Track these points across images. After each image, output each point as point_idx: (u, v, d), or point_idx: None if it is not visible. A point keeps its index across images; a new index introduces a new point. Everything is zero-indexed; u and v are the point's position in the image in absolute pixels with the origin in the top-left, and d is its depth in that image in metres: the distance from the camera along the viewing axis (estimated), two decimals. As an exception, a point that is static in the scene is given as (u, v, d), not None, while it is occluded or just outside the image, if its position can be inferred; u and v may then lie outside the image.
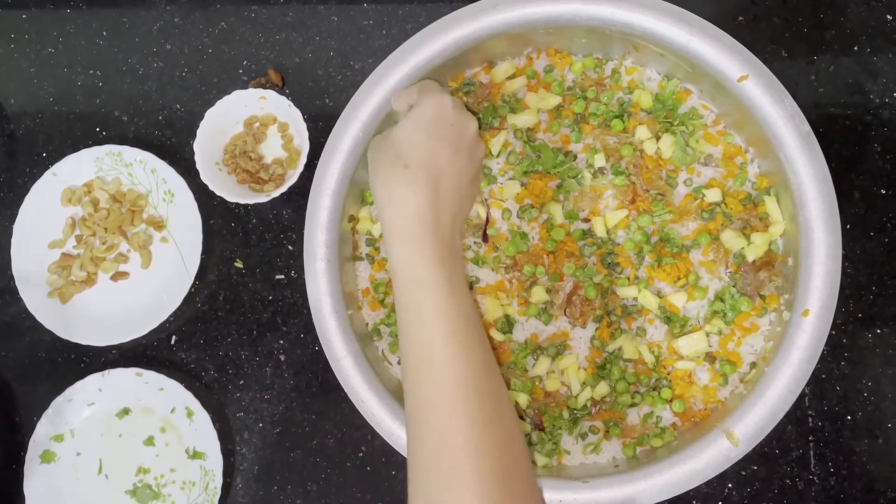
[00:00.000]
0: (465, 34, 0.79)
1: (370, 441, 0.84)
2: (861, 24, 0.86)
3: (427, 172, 0.69)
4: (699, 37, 0.76)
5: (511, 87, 0.82)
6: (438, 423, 0.65)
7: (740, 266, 0.78)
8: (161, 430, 0.85)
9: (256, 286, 0.87)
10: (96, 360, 0.87)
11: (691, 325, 0.78)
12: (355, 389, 0.76)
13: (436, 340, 0.67)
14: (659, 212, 0.78)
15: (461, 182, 0.72)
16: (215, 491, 0.82)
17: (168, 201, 0.87)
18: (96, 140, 0.90)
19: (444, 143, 0.71)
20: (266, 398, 0.85)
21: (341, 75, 0.89)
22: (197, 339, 0.86)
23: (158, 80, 0.90)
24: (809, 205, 0.74)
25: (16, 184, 0.89)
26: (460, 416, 0.64)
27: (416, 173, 0.69)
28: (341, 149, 0.78)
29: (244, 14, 0.90)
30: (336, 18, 0.90)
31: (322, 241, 0.78)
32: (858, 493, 0.81)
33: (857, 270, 0.83)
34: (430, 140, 0.71)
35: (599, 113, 0.80)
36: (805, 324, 0.73)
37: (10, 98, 0.91)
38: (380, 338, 0.81)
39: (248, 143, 0.87)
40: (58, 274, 0.86)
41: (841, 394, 0.82)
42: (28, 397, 0.87)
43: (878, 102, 0.85)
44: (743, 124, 0.78)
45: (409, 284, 0.68)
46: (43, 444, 0.83)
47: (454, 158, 0.71)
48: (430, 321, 0.67)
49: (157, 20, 0.91)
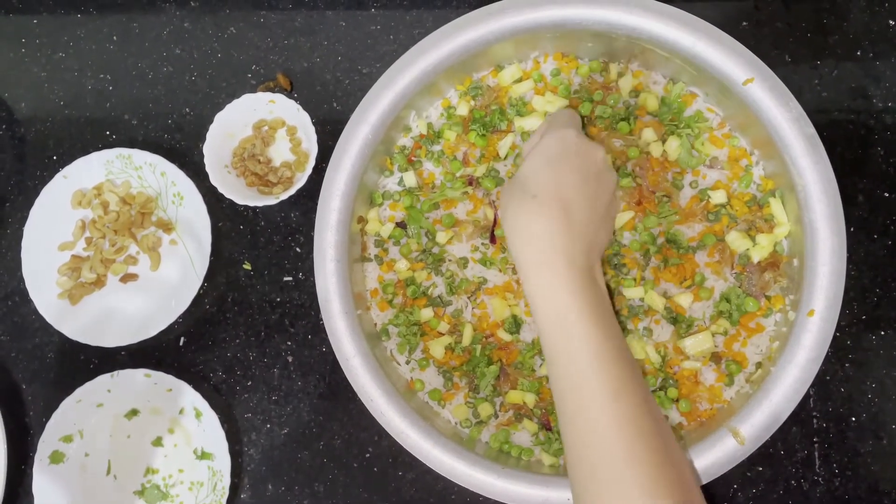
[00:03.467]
0: (472, 38, 0.80)
1: (377, 442, 0.84)
2: (864, 29, 0.87)
3: (556, 201, 0.68)
4: (705, 40, 0.77)
5: (518, 90, 0.83)
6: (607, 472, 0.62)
7: (746, 267, 0.78)
8: (169, 430, 0.85)
9: (264, 288, 0.87)
10: (105, 362, 0.87)
11: (697, 326, 0.79)
12: (365, 389, 0.76)
13: (589, 378, 0.64)
14: (665, 213, 0.79)
15: (593, 210, 0.70)
16: (223, 491, 0.82)
17: (177, 204, 0.88)
18: (106, 143, 0.90)
19: (571, 173, 0.69)
20: (274, 399, 0.86)
21: (349, 80, 0.90)
22: (205, 341, 0.87)
23: (168, 84, 0.91)
24: (814, 206, 0.74)
25: (26, 186, 0.90)
26: (629, 461, 0.62)
27: (545, 202, 0.68)
28: (351, 151, 0.79)
29: (253, 19, 0.91)
30: (344, 23, 0.91)
31: (332, 242, 0.78)
32: (863, 494, 0.82)
33: (861, 273, 0.84)
34: (557, 171, 0.69)
35: (606, 116, 0.81)
36: (810, 324, 0.74)
37: (21, 102, 0.92)
38: (388, 338, 0.82)
39: (256, 146, 0.87)
40: (68, 276, 0.87)
41: (845, 395, 0.83)
42: (37, 398, 0.87)
43: (881, 107, 0.86)
44: (748, 127, 0.79)
45: (549, 316, 0.67)
46: (52, 445, 0.83)
47: (583, 186, 0.70)
48: (580, 356, 0.65)
49: (166, 25, 0.92)
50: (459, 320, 0.81)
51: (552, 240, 0.67)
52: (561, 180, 0.69)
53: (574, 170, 0.70)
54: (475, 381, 0.79)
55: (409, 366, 0.81)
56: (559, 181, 0.69)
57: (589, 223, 0.69)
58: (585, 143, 0.72)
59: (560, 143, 0.71)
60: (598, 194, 0.71)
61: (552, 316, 0.66)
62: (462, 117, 0.83)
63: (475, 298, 0.81)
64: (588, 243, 0.69)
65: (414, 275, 0.82)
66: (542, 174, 0.69)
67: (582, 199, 0.69)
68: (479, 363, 0.79)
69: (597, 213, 0.71)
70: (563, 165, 0.70)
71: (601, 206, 0.71)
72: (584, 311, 0.66)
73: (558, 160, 0.70)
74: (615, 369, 0.65)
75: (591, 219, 0.70)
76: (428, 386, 0.81)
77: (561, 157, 0.70)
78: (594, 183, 0.71)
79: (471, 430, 0.79)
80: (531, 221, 0.68)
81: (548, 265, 0.67)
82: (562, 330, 0.66)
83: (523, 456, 0.78)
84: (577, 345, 0.65)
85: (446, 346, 0.80)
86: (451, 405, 0.80)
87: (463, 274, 0.81)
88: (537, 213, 0.68)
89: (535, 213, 0.68)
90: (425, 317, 0.81)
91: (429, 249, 0.82)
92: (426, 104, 0.84)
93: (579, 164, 0.70)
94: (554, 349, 0.67)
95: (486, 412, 0.79)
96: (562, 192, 0.68)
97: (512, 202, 0.70)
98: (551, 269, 0.67)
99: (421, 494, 0.83)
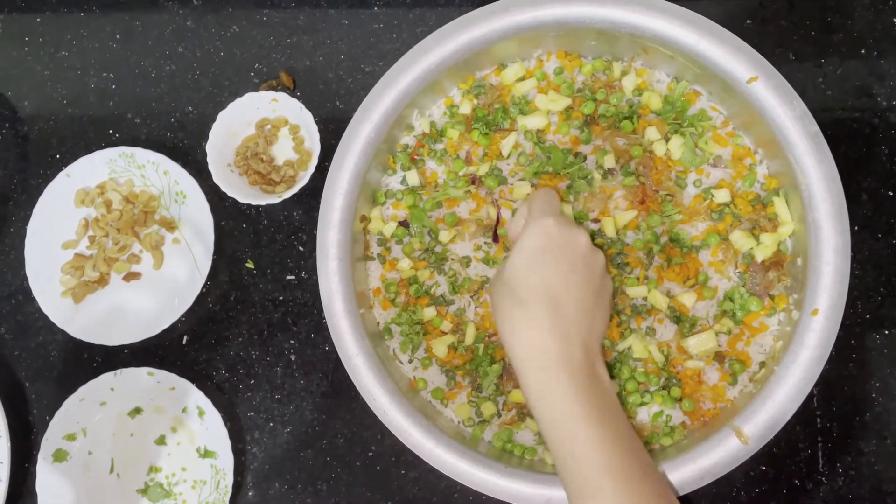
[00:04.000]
0: (475, 37, 0.79)
1: (380, 441, 0.84)
2: (868, 28, 0.87)
3: (544, 304, 0.67)
4: (708, 39, 0.76)
5: (521, 89, 0.83)
6: None
7: (749, 266, 0.78)
8: (172, 429, 0.86)
9: (267, 287, 0.87)
10: (108, 360, 0.87)
11: (701, 325, 0.78)
12: (367, 387, 0.76)
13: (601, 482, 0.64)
14: (668, 212, 0.79)
15: (584, 300, 0.69)
16: (226, 490, 0.82)
17: (180, 202, 0.88)
18: (109, 142, 0.90)
19: (556, 267, 0.69)
20: (276, 398, 0.86)
21: (352, 78, 0.90)
22: (208, 339, 0.87)
23: (171, 83, 0.91)
24: (818, 205, 0.74)
25: (29, 185, 0.90)
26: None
27: (534, 307, 0.67)
28: (354, 149, 0.79)
29: (255, 18, 0.91)
30: (346, 22, 0.91)
31: (334, 241, 0.78)
32: (867, 493, 0.81)
33: (865, 272, 0.84)
34: (541, 268, 0.68)
35: (609, 114, 0.81)
36: (814, 323, 0.73)
37: (24, 100, 0.92)
38: (391, 337, 0.82)
39: (259, 144, 0.87)
40: (71, 274, 0.87)
41: (849, 395, 0.82)
42: (41, 396, 0.87)
43: (885, 105, 0.86)
44: (752, 126, 0.79)
45: (551, 421, 0.66)
46: (55, 443, 0.84)
47: (570, 277, 0.69)
48: (585, 459, 0.65)
49: (169, 23, 0.92)
50: (462, 319, 0.81)
51: (546, 346, 0.67)
52: (548, 278, 0.68)
53: (559, 262, 0.69)
54: (478, 380, 0.79)
55: (411, 365, 0.81)
56: (546, 280, 0.68)
57: (582, 317, 0.69)
58: (566, 230, 0.70)
59: (542, 236, 0.69)
60: (588, 281, 0.70)
61: (554, 421, 0.66)
62: (465, 116, 0.83)
63: (478, 297, 0.81)
64: (584, 339, 0.68)
65: (417, 274, 0.82)
66: (528, 274, 0.69)
67: (572, 293, 0.68)
68: (481, 362, 0.79)
69: (589, 302, 0.70)
70: (548, 260, 0.69)
71: (592, 293, 0.70)
72: (587, 416, 0.65)
73: (542, 255, 0.69)
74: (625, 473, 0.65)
75: (584, 310, 0.69)
76: (430, 385, 0.81)
77: (544, 251, 0.69)
78: (582, 270, 0.70)
79: (473, 429, 0.79)
80: (524, 330, 0.67)
81: (545, 371, 0.67)
82: (566, 433, 0.66)
83: (526, 455, 0.78)
84: (583, 452, 0.65)
85: (449, 344, 0.80)
86: (453, 404, 0.80)
87: (466, 273, 0.81)
88: (529, 320, 0.67)
89: (526, 321, 0.67)
90: (428, 316, 0.80)
91: (431, 248, 0.82)
92: (429, 103, 0.84)
93: (564, 255, 0.69)
94: (559, 450, 0.66)
95: (489, 411, 0.79)
96: (551, 293, 0.68)
97: (502, 307, 0.69)
98: (548, 375, 0.66)
99: (424, 493, 0.83)
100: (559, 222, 0.70)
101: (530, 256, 0.69)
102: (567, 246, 0.69)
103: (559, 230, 0.70)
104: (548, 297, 0.67)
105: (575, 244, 0.70)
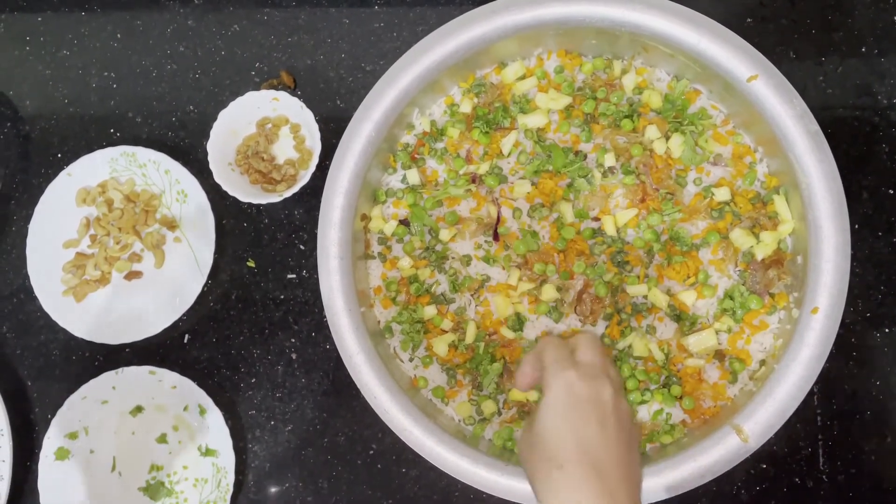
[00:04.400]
0: (476, 36, 0.79)
1: (381, 439, 0.84)
2: (869, 26, 0.87)
3: (584, 467, 0.63)
4: (709, 38, 0.76)
5: (522, 87, 0.83)
6: None
7: (749, 264, 0.78)
8: (174, 427, 0.86)
9: (268, 285, 0.88)
10: (110, 359, 0.87)
11: (701, 323, 0.78)
12: (368, 385, 0.77)
13: None
14: (669, 211, 0.79)
15: (621, 455, 0.65)
16: (227, 488, 0.82)
17: (181, 201, 0.88)
18: (110, 141, 0.91)
19: (587, 425, 0.64)
20: (278, 396, 0.86)
21: (352, 77, 0.90)
22: (209, 338, 0.87)
23: (172, 82, 0.91)
24: (818, 203, 0.74)
25: (31, 184, 0.90)
26: None
27: (574, 472, 0.63)
28: (354, 149, 0.79)
29: (256, 17, 0.91)
30: (347, 21, 0.91)
31: (335, 240, 0.78)
32: (867, 491, 0.82)
33: (866, 270, 0.84)
34: (574, 427, 0.64)
35: (609, 113, 0.81)
36: (814, 321, 0.73)
37: (26, 100, 0.92)
38: (391, 335, 0.82)
39: (260, 143, 0.87)
40: (72, 273, 0.87)
41: (849, 393, 0.82)
42: (42, 395, 0.87)
43: (885, 104, 0.86)
44: (752, 124, 0.79)
45: None
46: (57, 442, 0.84)
47: (603, 434, 0.65)
48: None
49: (170, 23, 0.92)
50: (463, 318, 0.81)
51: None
52: (583, 438, 0.64)
53: (589, 418, 0.65)
54: (478, 378, 0.79)
55: (412, 363, 0.81)
56: (581, 440, 0.64)
57: (623, 474, 0.64)
58: (590, 383, 0.66)
59: (566, 391, 0.66)
60: (619, 433, 0.66)
61: None
62: (465, 115, 0.83)
63: (478, 296, 0.81)
64: (629, 494, 0.64)
65: (417, 272, 0.82)
66: (561, 435, 0.64)
67: (610, 451, 0.64)
68: (482, 360, 0.79)
69: (626, 457, 0.65)
70: (577, 417, 0.65)
71: (626, 446, 0.66)
72: None
73: (571, 412, 0.65)
74: None
75: (623, 466, 0.65)
76: (431, 383, 0.81)
77: (573, 408, 0.65)
78: (614, 425, 0.66)
79: (474, 428, 0.80)
80: (566, 497, 0.62)
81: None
82: None
83: (527, 453, 0.78)
84: None
85: (449, 343, 0.80)
86: (454, 402, 0.80)
87: (466, 271, 0.81)
88: (570, 486, 0.63)
89: (567, 487, 0.63)
90: (428, 314, 0.81)
91: (432, 247, 0.82)
92: (429, 101, 0.84)
93: (593, 410, 0.65)
94: None
95: (490, 409, 0.79)
96: (590, 455, 0.63)
97: (539, 473, 0.65)
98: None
99: (424, 491, 0.84)
100: (580, 375, 0.66)
101: (559, 415, 0.65)
102: (595, 399, 0.66)
103: (583, 384, 0.66)
104: (587, 459, 0.63)
105: (601, 397, 0.66)
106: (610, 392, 0.67)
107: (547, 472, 0.64)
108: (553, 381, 0.67)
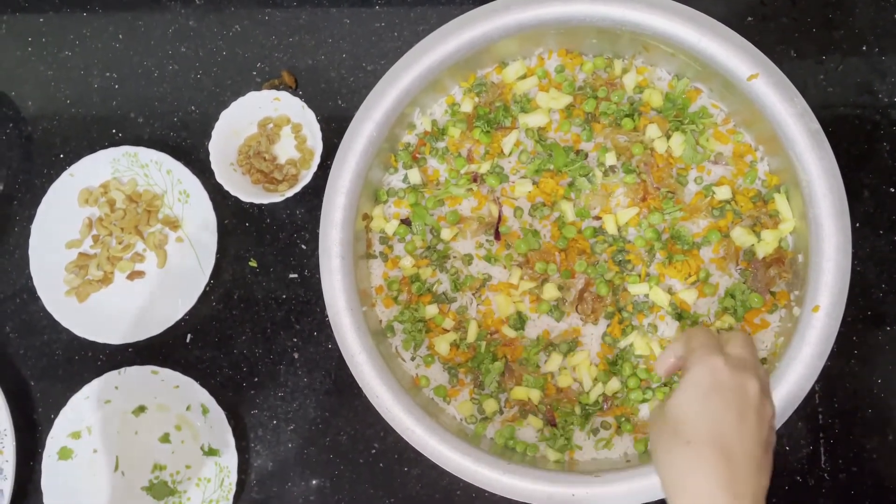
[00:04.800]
0: (477, 35, 0.80)
1: (383, 438, 0.84)
2: (869, 25, 0.87)
3: (713, 447, 0.59)
4: (709, 36, 0.77)
5: (522, 87, 0.83)
6: None
7: (750, 263, 0.78)
8: (176, 427, 0.86)
9: (270, 285, 0.88)
10: (113, 358, 0.88)
11: (702, 322, 0.79)
12: (370, 385, 0.77)
13: None
14: (669, 209, 0.79)
15: (754, 452, 0.61)
16: (230, 487, 0.82)
17: (183, 201, 0.88)
18: (112, 141, 0.91)
19: (726, 410, 0.61)
20: (280, 396, 0.86)
21: (354, 77, 0.90)
22: (212, 338, 0.87)
23: (173, 83, 0.92)
24: (819, 201, 0.74)
25: (33, 185, 0.91)
26: None
27: (701, 450, 0.59)
28: (356, 148, 0.79)
29: (258, 17, 0.92)
30: (348, 21, 0.91)
31: (337, 239, 0.79)
32: (868, 489, 0.82)
33: (866, 268, 0.84)
34: (710, 409, 0.61)
35: (610, 112, 0.81)
36: (815, 320, 0.74)
37: (28, 100, 0.92)
38: (393, 334, 0.82)
39: (261, 143, 0.88)
40: (75, 273, 0.87)
41: (851, 391, 0.83)
42: (45, 395, 0.88)
43: (886, 102, 0.86)
44: (753, 123, 0.79)
45: None
46: (60, 441, 0.84)
47: (741, 425, 0.60)
48: None
49: (171, 23, 0.92)
50: (464, 317, 0.81)
51: (713, 498, 0.58)
52: (717, 420, 0.60)
53: (729, 406, 0.61)
54: (480, 377, 0.80)
55: (414, 362, 0.82)
56: (716, 424, 0.60)
57: (752, 467, 0.60)
58: (738, 374, 0.62)
59: (710, 375, 0.62)
60: (759, 431, 0.62)
61: None
62: (466, 114, 0.83)
63: (480, 295, 0.81)
64: (753, 492, 0.59)
65: (419, 271, 0.82)
66: (696, 414, 0.61)
67: (744, 443, 0.60)
68: (483, 359, 0.79)
69: (759, 457, 0.61)
70: (717, 402, 0.61)
71: (762, 446, 0.62)
72: None
73: (710, 395, 0.61)
74: None
75: (754, 463, 0.60)
76: (433, 382, 0.81)
77: (713, 392, 0.61)
78: (754, 420, 0.61)
79: (476, 426, 0.80)
80: (687, 475, 0.59)
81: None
82: None
83: (528, 452, 0.78)
84: None
85: (451, 342, 0.80)
86: (456, 401, 0.81)
87: (468, 270, 0.81)
88: (694, 464, 0.59)
89: (691, 465, 0.59)
90: (430, 313, 0.81)
91: (433, 246, 0.82)
92: (430, 101, 0.84)
93: (734, 399, 0.61)
94: None
95: (492, 408, 0.79)
96: (719, 436, 0.60)
97: (663, 446, 0.61)
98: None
99: (426, 490, 0.84)
100: (729, 363, 0.62)
101: (698, 396, 0.61)
102: (738, 390, 0.62)
103: (730, 372, 0.62)
104: (717, 441, 0.59)
105: (746, 389, 0.62)
106: (756, 388, 0.62)
107: (673, 445, 0.61)
108: (698, 363, 0.63)
